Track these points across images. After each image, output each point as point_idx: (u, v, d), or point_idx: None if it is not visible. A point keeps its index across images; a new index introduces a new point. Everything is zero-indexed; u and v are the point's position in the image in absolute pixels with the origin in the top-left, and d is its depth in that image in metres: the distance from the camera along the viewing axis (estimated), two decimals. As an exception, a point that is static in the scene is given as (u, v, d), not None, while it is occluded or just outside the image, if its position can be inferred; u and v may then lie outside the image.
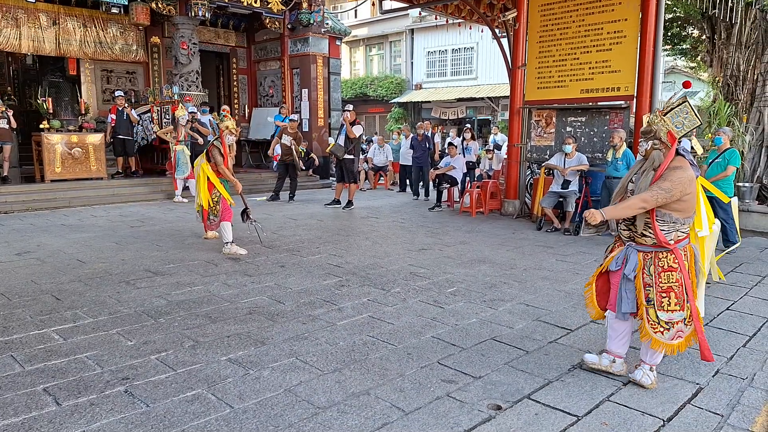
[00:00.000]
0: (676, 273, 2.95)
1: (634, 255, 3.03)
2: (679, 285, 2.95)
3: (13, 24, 11.33)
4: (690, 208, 2.94)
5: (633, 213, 2.95)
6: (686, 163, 2.94)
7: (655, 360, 3.08)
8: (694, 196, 2.95)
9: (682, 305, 2.97)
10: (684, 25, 15.33)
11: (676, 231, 2.93)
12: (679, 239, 2.95)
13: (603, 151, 8.02)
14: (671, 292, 2.96)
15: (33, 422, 2.60)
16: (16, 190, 9.81)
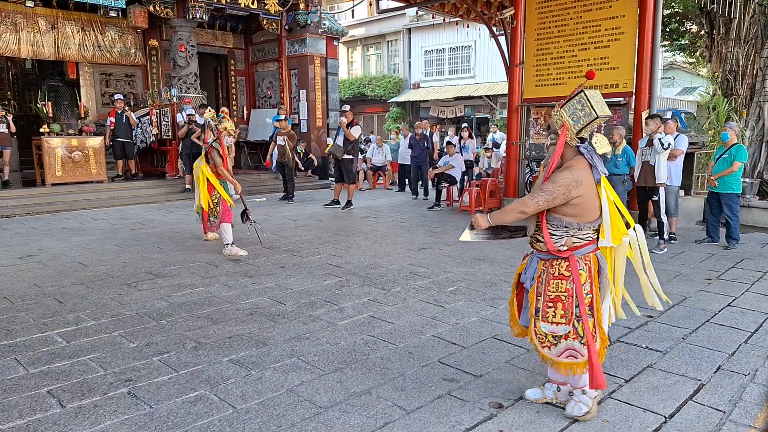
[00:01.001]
0: (567, 282, 2.63)
1: (534, 263, 2.77)
2: (569, 296, 2.63)
3: (12, 29, 11.34)
4: (585, 213, 2.62)
5: (515, 218, 2.71)
6: (580, 163, 2.64)
7: (581, 382, 2.70)
8: (590, 200, 2.61)
9: (569, 319, 2.63)
10: (682, 21, 15.33)
11: (569, 237, 2.64)
12: (576, 246, 2.64)
13: (602, 148, 8.02)
14: (558, 303, 2.65)
15: (38, 424, 2.61)
16: (17, 194, 9.82)
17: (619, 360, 3.37)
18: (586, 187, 2.61)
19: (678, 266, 5.72)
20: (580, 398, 2.70)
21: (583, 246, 2.66)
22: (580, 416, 2.66)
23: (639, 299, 3.13)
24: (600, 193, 2.65)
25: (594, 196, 2.64)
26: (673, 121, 7.13)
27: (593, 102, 2.59)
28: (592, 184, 2.64)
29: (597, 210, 2.65)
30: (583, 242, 2.66)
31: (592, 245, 2.69)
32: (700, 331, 3.86)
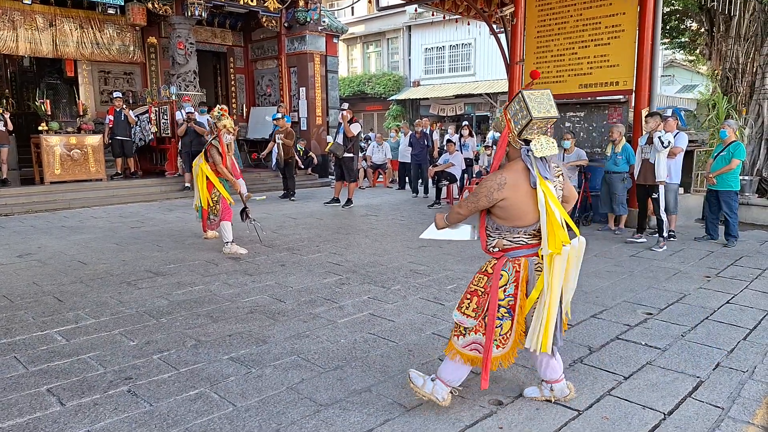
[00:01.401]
0: (488, 279, 2.63)
1: None
2: (485, 293, 2.62)
3: (9, 26, 11.31)
4: (514, 217, 2.56)
5: (455, 219, 2.80)
6: (515, 166, 2.57)
7: (447, 375, 2.71)
8: (520, 204, 2.53)
9: (479, 314, 2.62)
10: (682, 18, 15.31)
11: (500, 239, 2.63)
12: (507, 248, 2.62)
13: (602, 146, 8.02)
14: (474, 297, 2.65)
15: (37, 422, 2.62)
16: (15, 192, 9.81)
17: (618, 357, 3.37)
18: (514, 190, 2.53)
19: (677, 264, 5.73)
20: (427, 379, 2.77)
21: (513, 249, 2.62)
22: (411, 380, 2.76)
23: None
24: (537, 198, 2.52)
25: (527, 200, 2.54)
26: (673, 119, 7.13)
27: (530, 103, 2.49)
28: (524, 188, 2.53)
29: (532, 214, 2.55)
30: (514, 245, 2.62)
31: (526, 250, 2.61)
32: (699, 329, 3.86)
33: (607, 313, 4.18)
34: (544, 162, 2.56)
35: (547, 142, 2.52)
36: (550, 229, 2.51)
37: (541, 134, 2.55)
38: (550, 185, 2.55)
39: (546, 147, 2.51)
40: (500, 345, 2.64)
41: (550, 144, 2.53)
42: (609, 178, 7.38)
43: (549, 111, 2.52)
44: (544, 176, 2.53)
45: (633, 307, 4.31)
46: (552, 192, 2.55)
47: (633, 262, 5.82)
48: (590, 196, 8.14)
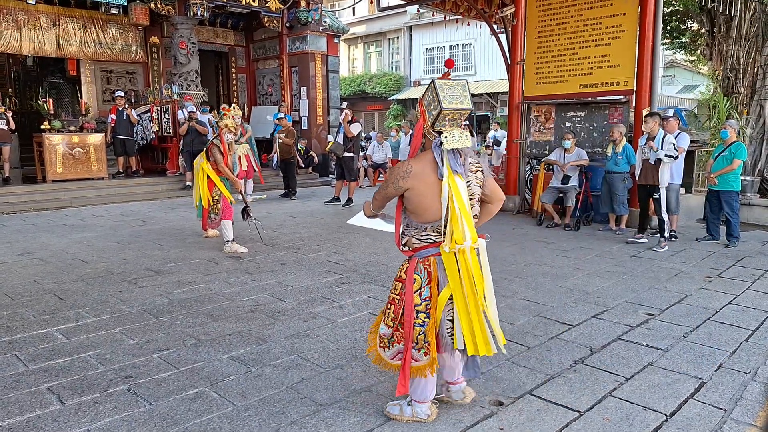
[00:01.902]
0: (402, 285, 2.56)
1: None
2: (400, 300, 2.54)
3: (13, 26, 11.33)
4: (421, 210, 2.46)
5: (369, 209, 2.81)
6: (425, 156, 2.48)
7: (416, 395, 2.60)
8: (424, 196, 2.43)
9: (395, 324, 2.57)
10: (683, 19, 15.30)
11: (410, 236, 2.54)
12: (416, 247, 2.53)
13: (603, 146, 8.01)
14: (392, 305, 2.58)
15: (37, 421, 2.61)
16: (18, 190, 9.82)
17: (619, 358, 3.36)
18: (419, 180, 2.42)
19: (679, 264, 5.71)
20: (403, 404, 2.66)
21: (423, 248, 2.51)
22: (387, 411, 2.67)
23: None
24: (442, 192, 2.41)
25: (433, 193, 2.42)
26: (674, 120, 7.11)
27: (441, 93, 2.39)
28: (430, 180, 2.42)
29: (436, 208, 2.44)
30: (423, 244, 2.51)
31: (434, 248, 2.50)
32: (700, 329, 3.85)
33: (608, 313, 4.17)
34: (456, 155, 2.44)
35: (459, 135, 2.42)
36: (453, 226, 2.41)
37: (453, 126, 2.45)
38: (459, 180, 2.43)
39: (457, 139, 2.41)
40: (427, 352, 2.50)
41: (463, 137, 2.42)
42: (609, 178, 7.37)
43: (462, 102, 2.43)
44: (454, 170, 2.41)
45: (634, 308, 4.30)
46: (459, 187, 2.41)
47: (634, 262, 5.81)
48: (591, 195, 8.13)
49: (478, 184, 2.54)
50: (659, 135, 6.43)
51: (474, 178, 2.53)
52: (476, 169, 2.55)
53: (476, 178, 2.54)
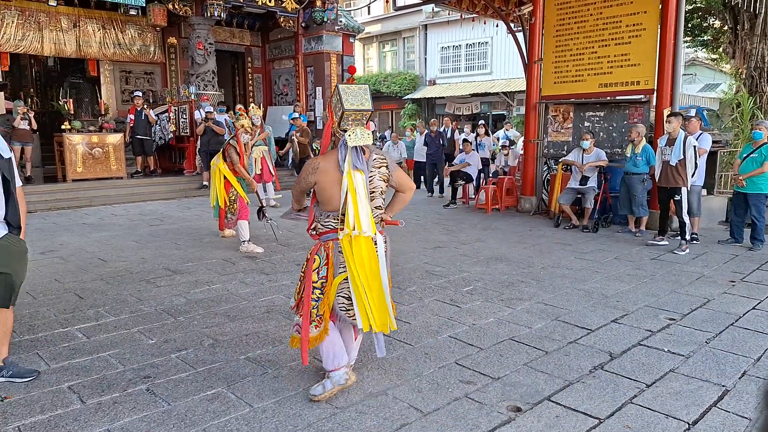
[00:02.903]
0: (306, 264, 2.91)
1: None
2: (305, 276, 2.90)
3: (35, 27, 11.53)
4: (326, 200, 2.79)
5: (294, 199, 3.21)
6: (331, 153, 2.81)
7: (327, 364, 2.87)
8: (328, 189, 2.74)
9: (297, 298, 2.96)
10: (705, 16, 15.03)
11: (317, 222, 2.88)
12: (321, 232, 2.87)
13: (622, 146, 7.90)
14: (299, 282, 3.00)
15: (59, 420, 2.65)
16: (39, 189, 10.00)
17: (640, 363, 3.30)
18: (324, 175, 2.76)
19: (700, 267, 5.61)
20: (325, 382, 2.87)
21: (325, 233, 2.86)
22: (312, 395, 2.83)
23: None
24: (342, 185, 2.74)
25: (335, 185, 2.75)
26: (696, 119, 6.98)
27: (344, 96, 2.72)
28: (333, 175, 2.75)
29: (337, 199, 2.77)
30: (325, 229, 2.85)
31: (333, 234, 2.82)
32: (723, 335, 3.77)
33: (628, 318, 4.11)
34: (358, 152, 2.74)
35: (361, 133, 2.73)
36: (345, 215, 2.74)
37: (357, 125, 2.76)
38: (359, 175, 2.73)
39: (360, 138, 2.73)
40: (318, 324, 2.81)
41: (365, 135, 2.74)
42: (628, 179, 7.26)
43: (363, 104, 2.75)
44: (355, 165, 2.72)
45: (655, 312, 4.23)
46: (355, 181, 2.71)
47: (654, 265, 5.71)
48: (610, 197, 8.02)
49: (381, 178, 2.86)
50: (680, 136, 6.31)
51: (377, 173, 2.85)
52: (380, 165, 2.87)
53: (380, 173, 2.86)
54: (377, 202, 2.86)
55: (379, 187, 2.86)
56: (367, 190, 2.76)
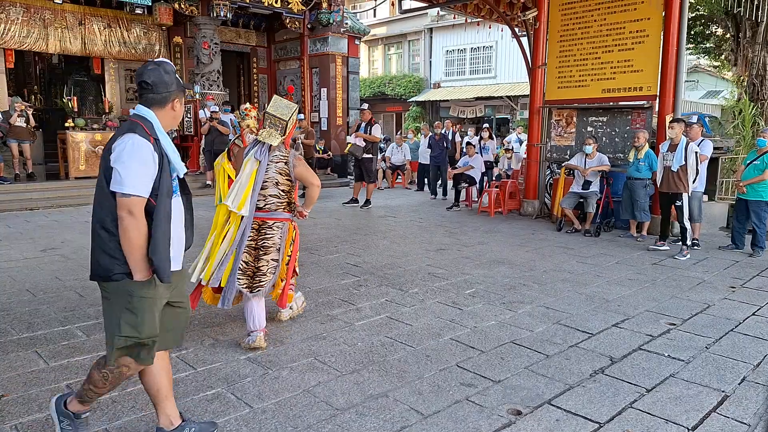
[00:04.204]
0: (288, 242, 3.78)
1: None
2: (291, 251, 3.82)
3: (40, 25, 11.57)
4: None
5: None
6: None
7: None
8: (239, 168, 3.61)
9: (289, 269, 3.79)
10: (707, 24, 15.04)
11: None
12: None
13: (625, 151, 7.90)
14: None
15: (58, 417, 2.64)
16: (41, 187, 10.02)
17: (640, 368, 3.30)
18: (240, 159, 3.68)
19: (701, 273, 5.60)
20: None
21: None
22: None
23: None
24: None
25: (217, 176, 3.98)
26: (698, 126, 6.98)
27: (271, 102, 3.65)
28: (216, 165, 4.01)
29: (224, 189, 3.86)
30: None
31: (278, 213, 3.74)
32: (724, 341, 3.76)
33: (628, 322, 4.10)
34: (263, 146, 3.54)
35: (269, 134, 3.52)
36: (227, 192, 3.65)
37: (272, 128, 3.53)
38: (252, 163, 3.50)
39: (266, 137, 3.52)
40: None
41: (271, 137, 3.51)
42: (631, 184, 7.25)
43: (282, 114, 3.53)
44: (255, 156, 3.51)
45: (656, 317, 4.22)
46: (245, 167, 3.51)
47: (655, 270, 5.71)
48: (612, 201, 8.02)
49: (278, 171, 3.55)
50: (681, 142, 6.31)
51: (275, 166, 3.55)
52: (279, 161, 3.56)
53: (277, 167, 3.55)
54: (270, 190, 3.55)
55: (274, 179, 3.54)
56: (260, 178, 3.48)
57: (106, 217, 2.13)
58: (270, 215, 3.57)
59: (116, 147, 2.10)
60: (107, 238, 2.14)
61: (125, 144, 2.09)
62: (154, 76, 2.20)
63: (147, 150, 2.10)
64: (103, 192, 2.13)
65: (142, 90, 2.23)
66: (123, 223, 2.07)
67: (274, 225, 3.58)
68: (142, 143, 2.10)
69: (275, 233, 3.58)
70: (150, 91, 2.21)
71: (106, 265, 2.14)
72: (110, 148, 2.13)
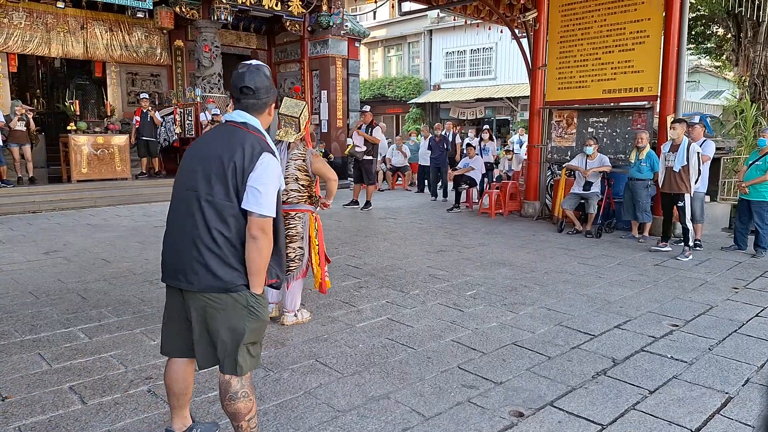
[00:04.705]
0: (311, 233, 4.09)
1: None
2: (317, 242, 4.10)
3: (43, 29, 11.61)
4: None
5: None
6: None
7: None
8: None
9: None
10: (708, 24, 15.03)
11: None
12: None
13: (626, 152, 7.89)
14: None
15: (59, 420, 2.65)
16: (43, 190, 10.04)
17: (642, 370, 3.29)
18: None
19: (703, 274, 5.59)
20: None
21: None
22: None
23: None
24: None
25: None
26: (700, 127, 6.97)
27: (283, 102, 3.91)
28: None
29: None
30: None
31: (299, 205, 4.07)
32: (727, 342, 3.75)
33: (630, 323, 4.10)
34: (282, 145, 3.85)
35: (285, 132, 3.85)
36: None
37: (287, 126, 3.84)
38: None
39: (284, 135, 3.85)
40: None
41: (288, 134, 3.84)
42: (632, 185, 7.25)
43: (293, 112, 3.85)
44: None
45: (658, 318, 4.21)
46: None
47: (657, 271, 5.70)
48: (613, 202, 8.01)
49: (297, 168, 3.84)
50: (683, 142, 6.30)
51: (293, 164, 3.84)
52: (298, 158, 3.86)
53: (296, 164, 3.84)
54: (291, 186, 3.84)
55: (294, 175, 3.83)
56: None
57: (225, 231, 2.06)
58: (291, 207, 3.85)
59: (257, 167, 2.04)
60: (231, 251, 2.07)
61: (266, 165, 2.06)
62: (257, 81, 2.13)
63: (278, 169, 2.11)
64: (221, 205, 2.04)
65: (242, 95, 2.13)
66: (258, 243, 2.05)
67: (296, 216, 3.87)
68: (275, 163, 2.10)
69: (297, 223, 3.88)
70: (252, 97, 2.14)
71: (229, 278, 2.07)
72: (240, 165, 2.03)
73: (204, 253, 2.06)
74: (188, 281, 2.10)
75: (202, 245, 2.06)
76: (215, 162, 2.06)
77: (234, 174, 2.04)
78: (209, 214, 2.06)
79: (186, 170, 2.16)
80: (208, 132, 2.25)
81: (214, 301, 2.09)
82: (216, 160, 2.06)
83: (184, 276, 2.11)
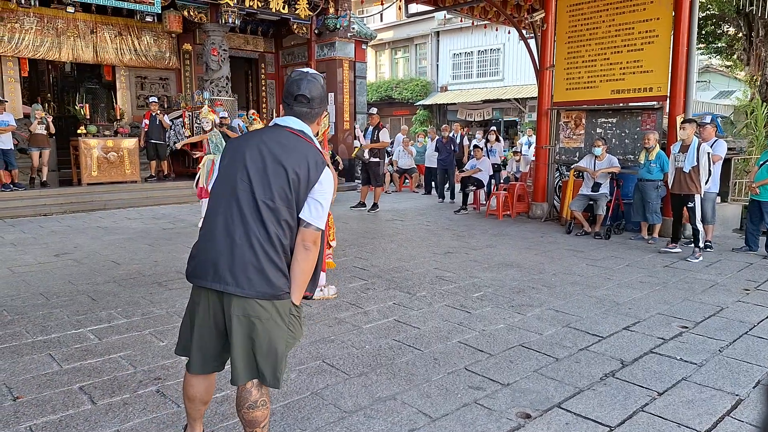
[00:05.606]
0: None
1: None
2: None
3: (53, 33, 11.76)
4: None
5: None
6: None
7: None
8: None
9: None
10: (719, 23, 14.91)
11: None
12: None
13: (635, 152, 7.84)
14: None
15: (70, 420, 2.68)
16: (54, 193, 10.15)
17: (651, 371, 3.27)
18: None
19: (714, 275, 5.53)
20: None
21: None
22: None
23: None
24: None
25: None
26: (711, 127, 6.91)
27: None
28: None
29: None
30: None
31: None
32: (737, 344, 3.72)
33: (640, 325, 4.07)
34: None
35: None
36: None
37: None
38: None
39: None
40: None
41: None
42: (642, 186, 7.20)
43: None
44: None
45: (667, 320, 4.18)
46: None
47: (667, 272, 5.65)
48: (623, 203, 7.96)
49: None
50: (693, 143, 6.25)
51: None
52: None
53: None
54: None
55: None
56: None
57: (283, 238, 2.03)
58: None
59: (322, 181, 2.05)
60: (286, 258, 2.06)
61: (329, 180, 2.08)
62: (313, 91, 2.09)
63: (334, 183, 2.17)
64: (282, 211, 2.01)
65: (298, 103, 2.10)
66: (310, 254, 2.06)
67: None
68: (333, 177, 2.15)
69: None
70: (306, 105, 2.10)
71: (281, 284, 2.04)
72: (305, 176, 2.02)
73: (261, 257, 1.99)
74: (238, 285, 1.98)
75: (260, 249, 1.98)
76: (277, 167, 2.01)
77: (298, 184, 2.01)
78: (268, 218, 1.99)
79: (236, 167, 2.05)
80: (259, 131, 2.17)
81: (261, 308, 2.02)
82: (278, 166, 2.01)
83: (234, 279, 1.98)
